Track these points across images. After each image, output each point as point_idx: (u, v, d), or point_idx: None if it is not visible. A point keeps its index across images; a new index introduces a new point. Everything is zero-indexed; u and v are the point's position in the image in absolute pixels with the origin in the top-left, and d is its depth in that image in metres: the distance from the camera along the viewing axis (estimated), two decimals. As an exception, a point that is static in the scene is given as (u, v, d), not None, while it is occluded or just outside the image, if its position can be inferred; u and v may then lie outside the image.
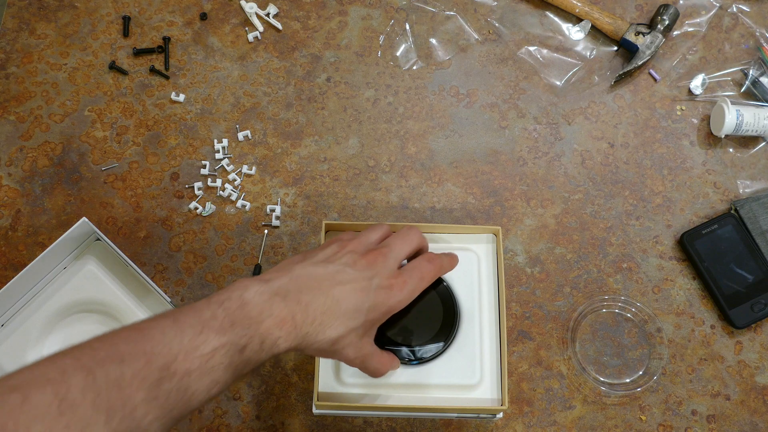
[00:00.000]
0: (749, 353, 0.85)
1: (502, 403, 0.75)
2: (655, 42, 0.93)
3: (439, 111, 0.94)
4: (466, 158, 0.92)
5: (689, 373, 0.84)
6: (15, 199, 0.88)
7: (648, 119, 0.94)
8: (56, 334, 0.81)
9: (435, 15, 0.97)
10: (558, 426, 0.82)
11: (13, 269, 0.85)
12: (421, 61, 0.96)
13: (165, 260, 0.87)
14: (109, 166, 0.90)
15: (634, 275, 0.88)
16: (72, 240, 0.81)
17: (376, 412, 0.79)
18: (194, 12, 0.97)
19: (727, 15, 0.98)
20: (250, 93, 0.94)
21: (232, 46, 0.95)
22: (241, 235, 0.88)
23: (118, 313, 0.81)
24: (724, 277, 0.86)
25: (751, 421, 0.83)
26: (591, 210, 0.90)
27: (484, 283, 0.80)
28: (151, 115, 0.92)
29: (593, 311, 0.86)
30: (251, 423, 0.81)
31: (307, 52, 0.96)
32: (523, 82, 0.95)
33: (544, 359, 0.84)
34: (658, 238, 0.89)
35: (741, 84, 0.95)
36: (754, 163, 0.92)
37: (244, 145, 0.91)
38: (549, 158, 0.92)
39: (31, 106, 0.92)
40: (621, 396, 0.83)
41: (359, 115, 0.93)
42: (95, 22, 0.96)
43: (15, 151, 0.90)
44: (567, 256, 0.88)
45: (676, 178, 0.92)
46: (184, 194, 0.89)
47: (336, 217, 0.89)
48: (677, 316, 0.86)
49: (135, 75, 0.94)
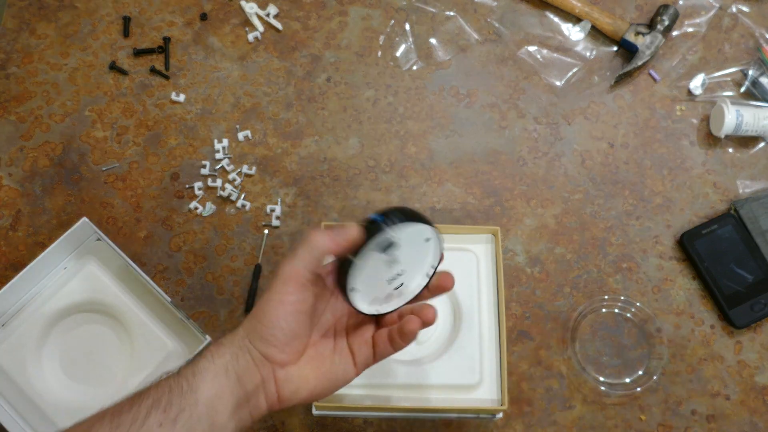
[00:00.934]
0: (749, 353, 0.85)
1: (501, 403, 0.75)
2: (654, 42, 0.93)
3: (439, 111, 0.94)
4: (466, 158, 0.92)
5: (689, 373, 0.84)
6: (15, 199, 0.88)
7: (648, 119, 0.94)
8: (56, 334, 0.81)
9: (435, 15, 0.97)
10: (558, 426, 0.82)
11: (13, 269, 0.85)
12: (421, 61, 0.96)
13: (165, 260, 0.87)
14: (110, 166, 0.90)
15: (634, 275, 0.88)
16: (72, 240, 0.81)
17: (376, 413, 0.79)
18: (194, 12, 0.97)
19: (726, 15, 0.98)
20: (250, 93, 0.94)
21: (233, 46, 0.95)
22: (241, 235, 0.88)
23: (118, 313, 0.81)
24: (724, 277, 0.86)
25: (750, 420, 0.83)
26: (591, 210, 0.90)
27: (484, 284, 0.80)
28: (152, 115, 0.92)
29: (593, 311, 0.86)
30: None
31: (307, 52, 0.96)
32: (523, 82, 0.95)
33: (544, 359, 0.84)
34: (658, 238, 0.89)
35: (741, 84, 0.95)
36: (753, 163, 0.92)
37: (244, 145, 0.91)
38: (549, 158, 0.92)
39: (32, 106, 0.92)
40: (621, 396, 0.83)
41: (359, 115, 0.93)
42: (95, 23, 0.96)
43: (15, 151, 0.90)
44: (567, 256, 0.88)
45: (676, 178, 0.92)
46: (184, 194, 0.89)
47: (336, 217, 0.89)
48: (677, 316, 0.86)
49: (135, 75, 0.94)
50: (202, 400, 0.52)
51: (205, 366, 0.54)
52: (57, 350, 0.81)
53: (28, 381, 0.79)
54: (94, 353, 0.81)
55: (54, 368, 0.80)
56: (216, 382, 0.53)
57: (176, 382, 0.53)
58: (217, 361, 0.54)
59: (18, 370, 0.79)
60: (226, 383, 0.54)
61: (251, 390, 0.55)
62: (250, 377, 0.55)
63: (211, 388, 0.53)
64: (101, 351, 0.81)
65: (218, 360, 0.54)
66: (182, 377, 0.53)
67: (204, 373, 0.54)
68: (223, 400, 0.53)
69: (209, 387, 0.53)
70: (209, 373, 0.54)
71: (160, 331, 0.81)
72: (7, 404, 0.78)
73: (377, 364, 0.76)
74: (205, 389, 0.53)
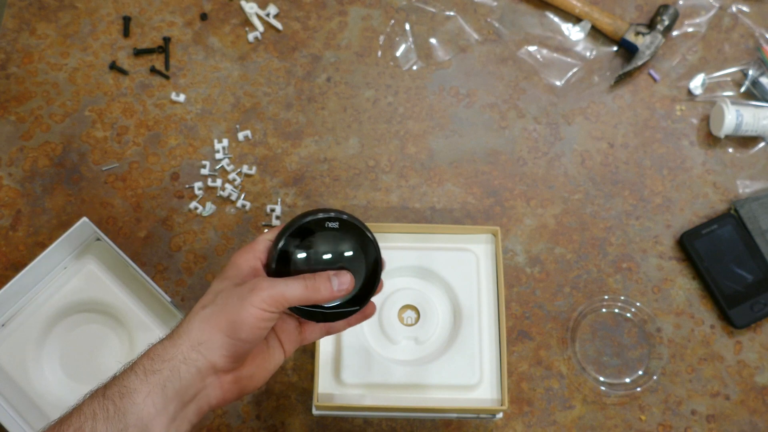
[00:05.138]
0: (749, 353, 0.85)
1: (501, 403, 0.75)
2: (654, 42, 0.93)
3: (439, 111, 0.94)
4: (466, 158, 0.92)
5: (689, 373, 0.84)
6: (15, 199, 0.89)
7: (648, 119, 0.94)
8: (56, 334, 0.81)
9: (435, 15, 0.97)
10: (558, 426, 0.82)
11: (13, 269, 0.85)
12: (421, 61, 0.96)
13: (165, 260, 0.87)
14: (110, 166, 0.90)
15: (634, 275, 0.88)
16: (72, 240, 0.81)
17: (376, 413, 0.79)
18: (194, 12, 0.97)
19: (726, 15, 0.98)
20: (250, 93, 0.94)
21: (233, 46, 0.96)
22: (242, 235, 0.88)
23: (118, 313, 0.81)
24: (724, 277, 0.86)
25: (750, 420, 0.83)
26: (591, 210, 0.90)
27: (484, 284, 0.80)
28: (152, 115, 0.92)
29: (593, 311, 0.86)
30: (251, 423, 0.81)
31: (307, 52, 0.96)
32: (523, 82, 0.95)
33: (544, 359, 0.84)
34: (658, 238, 0.89)
35: (741, 84, 0.95)
36: (753, 163, 0.92)
37: (245, 145, 0.91)
38: (549, 158, 0.92)
39: (32, 106, 0.92)
40: (621, 396, 0.83)
41: (359, 115, 0.93)
42: (95, 23, 0.96)
43: (15, 151, 0.90)
44: (567, 256, 0.88)
45: (675, 178, 0.92)
46: (185, 194, 0.89)
47: (336, 217, 0.89)
48: (677, 316, 0.86)
49: (135, 75, 0.94)
50: (132, 424, 0.48)
51: (136, 386, 0.49)
52: (57, 350, 0.81)
53: (28, 381, 0.79)
54: (94, 353, 0.81)
55: (54, 368, 0.80)
56: (149, 403, 0.49)
57: (101, 405, 0.49)
58: (152, 378, 0.49)
59: (18, 369, 0.79)
60: (161, 402, 0.49)
61: (191, 400, 0.51)
62: (192, 389, 0.51)
63: (143, 409, 0.48)
64: (101, 351, 0.81)
65: (153, 377, 0.49)
66: (108, 399, 0.49)
67: (134, 394, 0.49)
68: (158, 420, 0.49)
69: (141, 409, 0.48)
70: (140, 394, 0.49)
71: (160, 331, 0.81)
72: (7, 404, 0.78)
73: (377, 364, 0.76)
74: (136, 411, 0.48)
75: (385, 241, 0.82)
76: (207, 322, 0.52)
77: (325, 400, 0.75)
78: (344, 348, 0.76)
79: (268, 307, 0.52)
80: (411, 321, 0.79)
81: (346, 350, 0.76)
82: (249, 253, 0.56)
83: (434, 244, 0.82)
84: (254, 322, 0.51)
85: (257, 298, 0.52)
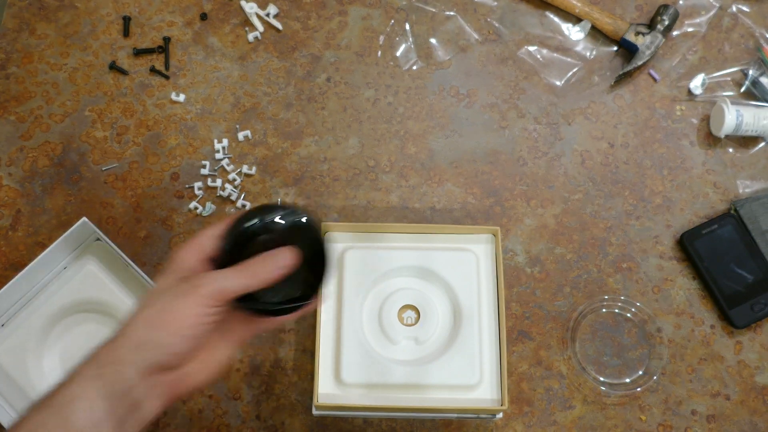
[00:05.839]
0: (749, 353, 0.85)
1: (501, 403, 0.75)
2: (654, 42, 0.93)
3: (439, 111, 0.94)
4: (466, 158, 0.92)
5: (689, 373, 0.84)
6: (15, 199, 0.88)
7: (648, 119, 0.94)
8: (56, 334, 0.81)
9: (435, 15, 0.97)
10: (558, 426, 0.82)
11: (13, 269, 0.85)
12: (421, 61, 0.96)
13: (165, 260, 0.87)
14: (109, 166, 0.90)
15: (634, 275, 0.88)
16: (72, 240, 0.81)
17: (376, 413, 0.79)
18: (194, 12, 0.97)
19: (726, 15, 0.98)
20: (250, 93, 0.94)
21: (232, 46, 0.96)
22: (241, 235, 0.88)
23: (119, 314, 0.81)
24: (724, 277, 0.86)
25: (750, 421, 0.83)
26: (591, 210, 0.90)
27: (484, 284, 0.80)
28: (151, 115, 0.92)
29: (593, 311, 0.86)
30: (251, 423, 0.81)
31: (307, 52, 0.96)
32: (523, 82, 0.95)
33: (544, 359, 0.84)
34: (658, 238, 0.89)
35: (741, 84, 0.95)
36: (753, 163, 0.92)
37: (244, 145, 0.91)
38: (549, 158, 0.92)
39: (32, 106, 0.92)
40: (621, 396, 0.83)
41: (359, 115, 0.93)
42: (95, 22, 0.96)
43: (15, 151, 0.90)
44: (567, 256, 0.88)
45: (676, 178, 0.92)
46: (184, 194, 0.89)
47: (336, 217, 0.89)
48: (677, 316, 0.86)
49: (135, 75, 0.94)
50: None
51: (78, 393, 0.48)
52: (57, 350, 0.81)
53: (29, 380, 0.79)
54: (94, 353, 0.81)
55: (54, 368, 0.80)
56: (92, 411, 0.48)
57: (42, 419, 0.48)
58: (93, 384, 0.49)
59: (18, 369, 0.79)
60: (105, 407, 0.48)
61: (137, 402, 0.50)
62: (137, 392, 0.50)
63: (87, 418, 0.48)
64: (101, 351, 0.81)
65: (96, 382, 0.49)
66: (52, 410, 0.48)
67: (76, 402, 0.48)
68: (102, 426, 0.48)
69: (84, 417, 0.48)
70: (83, 402, 0.48)
71: (160, 331, 0.81)
72: (7, 404, 0.79)
73: (377, 364, 0.76)
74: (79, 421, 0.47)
75: (385, 241, 0.82)
76: (148, 322, 0.51)
77: (325, 400, 0.75)
78: (344, 348, 0.76)
79: (210, 303, 0.51)
80: (411, 321, 0.79)
81: (346, 350, 0.76)
82: (192, 248, 0.56)
83: (434, 244, 0.82)
84: (195, 319, 0.51)
85: (197, 294, 0.51)
